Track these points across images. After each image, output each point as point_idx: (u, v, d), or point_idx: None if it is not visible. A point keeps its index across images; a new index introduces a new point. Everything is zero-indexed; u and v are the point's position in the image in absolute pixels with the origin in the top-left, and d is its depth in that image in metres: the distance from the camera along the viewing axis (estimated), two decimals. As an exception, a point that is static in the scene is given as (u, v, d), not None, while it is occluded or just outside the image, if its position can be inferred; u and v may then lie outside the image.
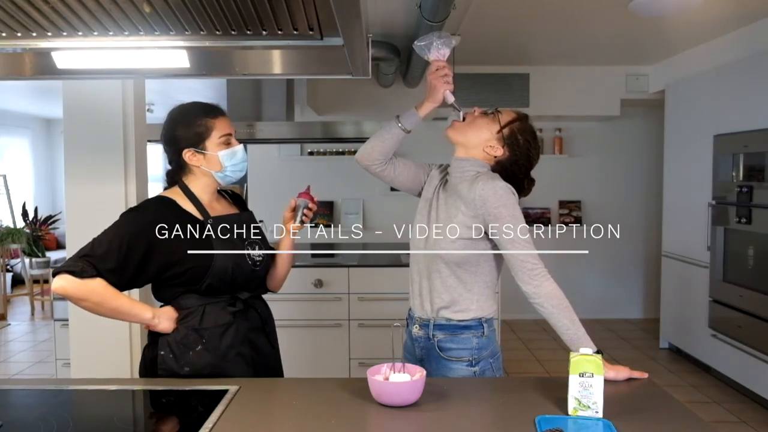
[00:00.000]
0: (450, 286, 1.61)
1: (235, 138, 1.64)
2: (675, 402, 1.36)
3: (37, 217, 6.84)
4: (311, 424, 1.24)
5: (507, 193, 1.55)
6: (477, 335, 1.62)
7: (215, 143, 1.57)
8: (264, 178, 5.70)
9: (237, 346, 1.57)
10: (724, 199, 3.88)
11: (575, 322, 1.49)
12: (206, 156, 1.57)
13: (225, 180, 1.62)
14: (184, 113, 1.59)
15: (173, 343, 1.52)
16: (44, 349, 4.79)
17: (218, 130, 1.57)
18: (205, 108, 1.59)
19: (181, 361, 1.52)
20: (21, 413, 1.35)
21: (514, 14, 3.69)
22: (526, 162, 1.66)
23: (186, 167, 1.60)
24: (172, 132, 1.57)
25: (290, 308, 3.28)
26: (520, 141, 1.65)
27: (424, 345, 1.66)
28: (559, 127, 5.74)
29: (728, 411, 3.48)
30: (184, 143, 1.56)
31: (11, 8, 1.15)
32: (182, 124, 1.57)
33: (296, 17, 1.21)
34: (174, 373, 1.52)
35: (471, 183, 1.59)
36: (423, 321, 1.66)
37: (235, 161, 1.60)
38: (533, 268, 1.51)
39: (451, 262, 1.59)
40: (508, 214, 1.53)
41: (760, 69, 3.54)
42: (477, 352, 1.62)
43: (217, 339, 1.54)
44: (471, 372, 1.61)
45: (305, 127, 3.42)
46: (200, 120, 1.57)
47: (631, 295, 5.89)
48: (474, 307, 1.61)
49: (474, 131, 1.65)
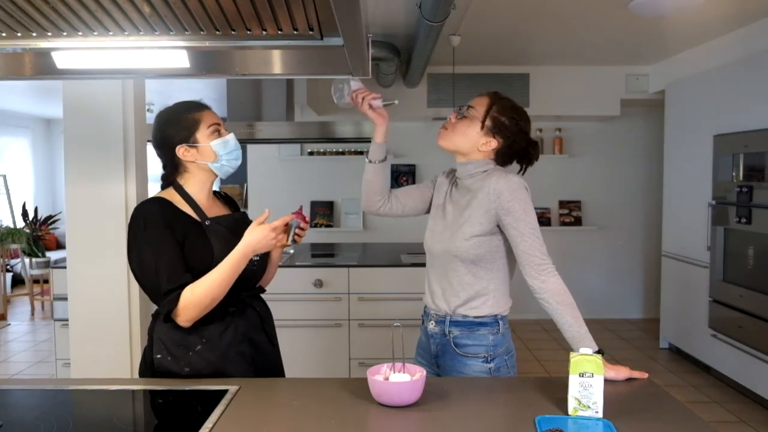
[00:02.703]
0: (467, 283, 1.62)
1: (224, 129, 1.64)
2: (675, 402, 1.36)
3: (37, 217, 6.84)
4: (311, 424, 1.24)
5: (520, 188, 1.57)
6: (493, 332, 1.63)
7: (205, 135, 1.58)
8: (264, 178, 5.71)
9: (237, 345, 1.58)
10: (724, 199, 3.88)
11: (579, 320, 1.50)
12: (199, 149, 1.57)
13: (222, 171, 1.61)
14: (169, 113, 1.61)
15: (170, 345, 1.52)
16: (44, 349, 4.79)
17: (206, 121, 1.59)
18: (188, 104, 1.62)
19: (180, 362, 1.51)
20: (21, 413, 1.35)
21: (514, 14, 3.69)
22: (520, 135, 1.68)
23: (180, 166, 1.60)
24: (162, 132, 1.59)
25: (290, 308, 3.28)
26: (506, 123, 1.65)
27: (439, 341, 1.68)
28: (559, 127, 5.74)
29: (728, 411, 3.48)
30: (175, 140, 1.57)
31: (11, 8, 1.15)
32: (170, 122, 1.59)
33: (296, 17, 1.21)
34: (174, 374, 1.52)
35: (484, 179, 1.62)
36: (439, 317, 1.67)
37: (228, 149, 1.60)
38: (541, 263, 1.53)
39: (467, 260, 1.61)
40: (521, 209, 1.55)
41: (760, 69, 3.54)
42: (493, 348, 1.63)
43: (216, 338, 1.54)
44: (486, 368, 1.62)
45: (305, 127, 3.42)
46: (187, 115, 1.59)
47: (631, 295, 5.89)
48: (490, 303, 1.63)
49: (459, 137, 1.67)
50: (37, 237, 6.57)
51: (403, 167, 5.74)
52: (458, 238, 1.61)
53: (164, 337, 1.52)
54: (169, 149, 1.58)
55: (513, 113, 1.67)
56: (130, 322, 2.34)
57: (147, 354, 1.57)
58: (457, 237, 1.61)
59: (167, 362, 1.52)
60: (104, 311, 2.33)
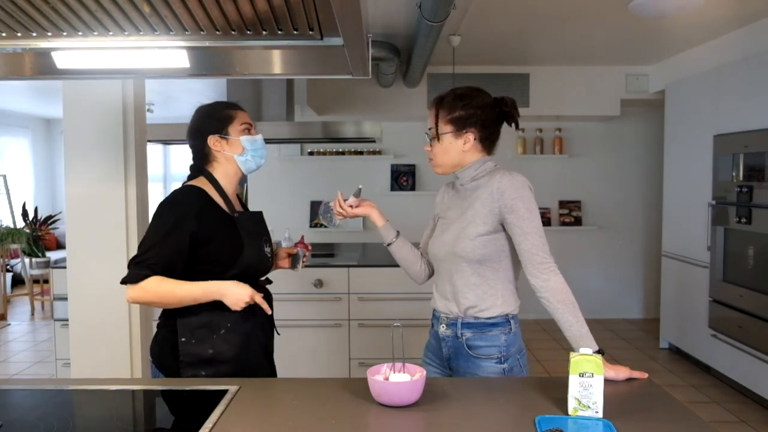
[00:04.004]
0: (473, 284, 1.62)
1: (254, 131, 1.76)
2: (675, 402, 1.36)
3: (37, 217, 6.84)
4: (311, 424, 1.24)
5: (524, 186, 1.58)
6: (505, 332, 1.63)
7: (237, 130, 1.69)
8: (264, 178, 5.71)
9: (256, 330, 1.67)
10: (724, 199, 3.88)
11: (580, 319, 1.50)
12: (229, 141, 1.68)
13: (246, 165, 1.71)
14: (209, 106, 1.73)
15: (194, 328, 1.57)
16: (44, 349, 4.79)
17: (239, 119, 1.71)
18: (226, 103, 1.76)
19: (205, 344, 1.57)
20: (21, 413, 1.35)
21: (514, 14, 3.69)
22: (484, 112, 1.64)
23: (210, 155, 1.70)
24: (198, 123, 1.71)
25: (290, 308, 3.28)
26: (462, 114, 1.63)
27: (452, 344, 1.67)
28: (559, 127, 5.74)
29: (728, 411, 3.48)
30: (209, 130, 1.68)
31: (11, 8, 1.15)
32: (207, 115, 1.71)
33: (296, 17, 1.22)
34: (196, 356, 1.57)
35: (488, 178, 1.62)
36: (450, 320, 1.67)
37: (256, 146, 1.71)
38: (543, 262, 1.54)
39: (472, 261, 1.61)
40: (524, 207, 1.55)
41: (760, 69, 3.54)
42: (505, 349, 1.63)
43: (241, 323, 1.61)
44: (500, 369, 1.62)
45: (305, 127, 3.42)
46: (224, 110, 1.71)
47: (631, 295, 5.89)
48: (499, 303, 1.63)
49: (444, 157, 1.68)
50: (37, 237, 6.57)
51: (403, 167, 5.74)
52: (463, 239, 1.61)
53: (188, 320, 1.57)
54: (202, 139, 1.68)
55: (461, 102, 1.64)
56: (130, 322, 2.34)
57: (166, 338, 1.61)
58: (461, 238, 1.61)
59: (191, 345, 1.57)
60: (104, 311, 2.33)
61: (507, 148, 5.67)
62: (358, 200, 1.79)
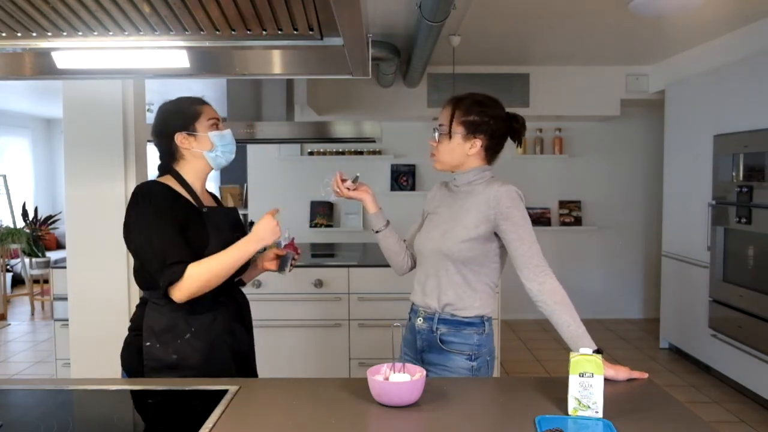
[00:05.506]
0: (456, 283, 1.66)
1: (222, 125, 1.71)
2: (675, 402, 1.36)
3: (37, 217, 6.84)
4: (311, 424, 1.24)
5: (519, 197, 1.64)
6: (479, 332, 1.67)
7: (205, 126, 1.64)
8: (264, 178, 5.71)
9: (222, 335, 1.63)
10: (724, 199, 3.88)
11: (576, 319, 1.52)
12: (197, 137, 1.63)
13: (216, 161, 1.67)
14: (172, 103, 1.68)
15: (159, 332, 1.55)
16: (44, 349, 4.79)
17: (206, 114, 1.66)
18: (191, 98, 1.70)
19: (169, 349, 1.55)
20: (21, 413, 1.35)
21: (514, 14, 3.69)
22: (496, 122, 1.70)
23: (177, 153, 1.65)
24: (164, 120, 1.65)
25: (290, 308, 3.27)
26: (476, 120, 1.68)
27: (426, 337, 1.71)
28: (559, 127, 5.74)
29: (728, 411, 3.48)
30: (176, 127, 1.63)
31: (11, 8, 1.15)
32: (173, 112, 1.66)
33: (296, 17, 1.22)
34: (160, 360, 1.54)
35: (485, 186, 1.67)
36: (428, 314, 1.71)
37: (224, 142, 1.67)
38: (539, 265, 1.58)
39: (458, 261, 1.65)
40: (519, 215, 1.61)
41: (760, 69, 3.54)
42: (477, 348, 1.67)
43: (206, 327, 1.59)
44: (469, 366, 1.66)
45: (305, 127, 3.42)
46: (190, 106, 1.66)
47: (631, 295, 5.89)
48: (477, 304, 1.67)
49: (447, 155, 1.71)
50: (37, 237, 6.57)
51: (403, 167, 5.74)
52: (450, 239, 1.65)
53: (154, 324, 1.56)
54: (168, 136, 1.63)
55: (477, 107, 1.68)
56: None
57: (132, 343, 1.59)
58: (449, 237, 1.65)
59: (156, 349, 1.55)
60: (104, 311, 2.33)
61: (507, 148, 5.62)
62: (356, 185, 1.79)
